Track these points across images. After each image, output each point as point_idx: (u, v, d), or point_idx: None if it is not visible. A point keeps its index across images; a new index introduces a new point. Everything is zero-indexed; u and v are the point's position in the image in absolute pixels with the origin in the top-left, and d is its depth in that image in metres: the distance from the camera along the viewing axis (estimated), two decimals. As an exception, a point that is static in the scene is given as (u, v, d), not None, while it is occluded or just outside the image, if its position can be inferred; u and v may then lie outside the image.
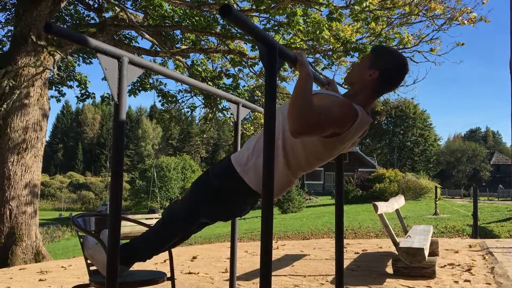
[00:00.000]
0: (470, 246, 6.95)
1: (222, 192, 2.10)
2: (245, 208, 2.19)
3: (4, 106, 7.64)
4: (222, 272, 5.26)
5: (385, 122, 65.77)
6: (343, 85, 11.26)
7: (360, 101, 2.03)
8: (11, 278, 5.44)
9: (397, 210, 5.93)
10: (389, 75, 2.06)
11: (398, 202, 5.89)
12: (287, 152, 2.01)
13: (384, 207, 4.84)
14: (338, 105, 1.90)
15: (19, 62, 8.06)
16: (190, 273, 5.26)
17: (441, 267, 5.26)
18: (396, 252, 4.87)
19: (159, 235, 2.32)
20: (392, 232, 4.82)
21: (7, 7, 10.53)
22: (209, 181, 2.14)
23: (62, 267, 6.18)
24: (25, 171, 8.11)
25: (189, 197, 2.21)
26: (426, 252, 4.46)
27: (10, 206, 7.88)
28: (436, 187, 17.85)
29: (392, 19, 9.87)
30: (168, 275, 2.79)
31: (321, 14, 9.41)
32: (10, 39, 9.87)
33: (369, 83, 2.04)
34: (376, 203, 4.60)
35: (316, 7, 9.18)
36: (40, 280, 5.18)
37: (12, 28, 9.52)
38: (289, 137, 1.98)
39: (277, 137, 1.99)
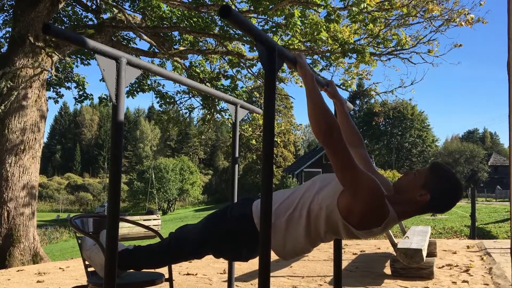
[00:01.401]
0: (468, 247, 6.96)
1: (234, 236, 2.09)
2: (251, 256, 2.17)
3: (2, 107, 7.62)
4: (220, 273, 5.26)
5: (383, 123, 65.84)
6: (341, 86, 11.28)
7: (398, 211, 1.95)
8: (9, 279, 5.43)
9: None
10: (439, 203, 1.96)
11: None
12: (310, 222, 1.99)
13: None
14: (374, 181, 1.85)
15: (17, 63, 8.04)
16: (188, 274, 5.26)
17: (439, 268, 5.27)
18: (394, 253, 4.87)
19: (162, 255, 2.32)
20: (390, 233, 4.82)
21: (5, 8, 10.52)
22: (226, 222, 2.13)
23: (60, 268, 6.16)
24: (23, 172, 8.09)
25: (201, 230, 2.19)
26: (424, 253, 4.46)
27: (7, 208, 7.86)
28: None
29: (390, 21, 9.88)
30: (166, 276, 2.79)
31: (319, 16, 9.42)
32: (8, 40, 9.85)
33: (416, 201, 1.94)
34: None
35: (314, 8, 9.19)
36: (38, 281, 5.17)
37: (10, 29, 9.52)
38: (314, 210, 1.97)
39: (304, 204, 2.00)
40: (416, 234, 5.43)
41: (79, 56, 11.43)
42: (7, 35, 10.56)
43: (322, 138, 1.81)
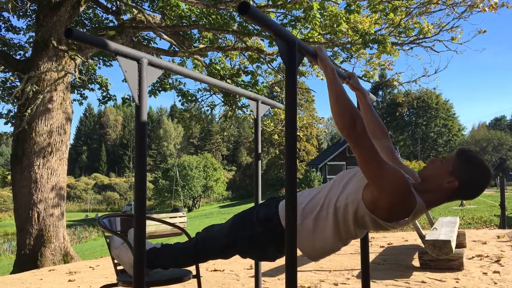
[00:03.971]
0: (498, 237, 6.82)
1: (261, 239, 2.09)
2: (278, 256, 2.17)
3: (29, 111, 7.79)
4: (247, 269, 5.28)
5: (407, 113, 64.92)
6: (363, 77, 11.16)
7: (426, 199, 1.93)
8: (41, 279, 5.56)
9: (422, 203, 5.85)
10: (469, 189, 1.94)
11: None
12: (338, 220, 1.98)
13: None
14: (400, 173, 1.83)
15: (42, 67, 8.21)
16: (215, 270, 5.30)
17: (469, 258, 5.18)
18: (422, 245, 4.81)
19: (189, 256, 2.34)
20: (418, 225, 4.76)
21: (28, 13, 10.72)
22: (252, 223, 2.13)
23: (90, 267, 6.28)
24: (51, 174, 8.26)
25: (228, 232, 2.20)
26: (453, 244, 4.39)
27: (38, 209, 8.05)
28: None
29: (411, 9, 9.72)
30: (194, 273, 2.81)
31: (338, 7, 9.32)
32: (32, 45, 10.05)
33: (445, 189, 1.93)
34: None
35: (333, 0, 9.11)
36: (70, 280, 5.28)
37: (33, 34, 9.70)
38: (341, 207, 1.97)
39: (330, 202, 2.00)
40: (444, 225, 5.35)
41: (101, 58, 11.59)
42: (31, 39, 10.77)
43: (346, 132, 1.79)
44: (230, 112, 11.99)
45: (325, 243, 2.01)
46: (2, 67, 9.16)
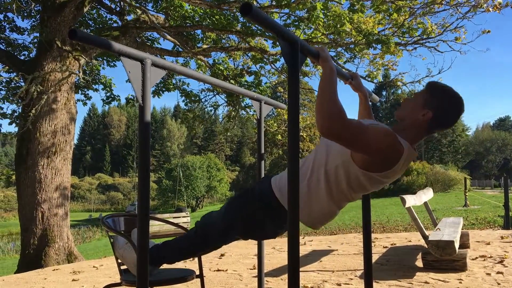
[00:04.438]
0: (502, 238, 6.80)
1: (260, 215, 2.09)
2: (280, 232, 2.18)
3: (33, 111, 7.82)
4: (250, 269, 5.29)
5: (411, 113, 64.81)
6: (367, 78, 11.15)
7: (408, 138, 1.96)
8: (45, 278, 5.59)
9: (425, 203, 5.85)
10: (443, 117, 1.98)
11: (426, 195, 5.80)
12: (330, 183, 1.98)
13: (412, 200, 4.78)
14: (382, 133, 1.83)
15: (46, 68, 8.24)
16: (218, 270, 5.31)
17: (473, 259, 5.17)
18: (425, 246, 4.81)
19: (191, 244, 2.34)
20: (421, 225, 4.76)
21: (32, 14, 10.77)
22: (249, 201, 2.14)
23: (94, 267, 6.30)
24: (55, 174, 8.30)
25: (225, 213, 2.21)
26: (457, 245, 4.39)
27: (42, 209, 8.08)
28: (465, 178, 17.52)
29: (415, 9, 9.70)
30: (197, 272, 2.82)
31: (341, 7, 9.32)
32: (36, 45, 10.09)
33: (421, 122, 1.97)
34: (403, 196, 4.54)
35: (337, 0, 9.11)
36: (73, 280, 5.30)
37: (37, 34, 9.74)
38: (330, 169, 1.96)
39: (319, 168, 1.99)
40: (448, 226, 5.34)
41: (105, 58, 11.63)
42: (35, 40, 10.81)
43: (324, 136, 1.74)
44: (233, 113, 12.01)
45: (321, 206, 2.00)
46: (7, 67, 9.20)
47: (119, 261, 2.62)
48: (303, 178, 2.01)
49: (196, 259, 2.86)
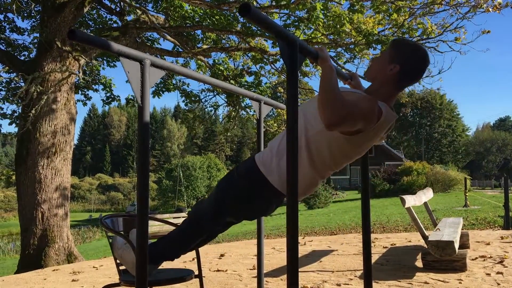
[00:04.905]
0: (502, 238, 6.80)
1: (247, 191, 2.12)
2: (270, 208, 2.20)
3: (33, 111, 7.82)
4: (250, 269, 5.29)
5: (411, 114, 64.78)
6: (365, 78, 11.15)
7: (382, 97, 2.01)
8: (45, 279, 5.59)
9: (425, 203, 5.85)
10: (410, 68, 2.03)
11: (426, 195, 5.80)
12: (311, 151, 2.00)
13: (411, 201, 4.78)
14: (365, 100, 1.89)
15: (46, 68, 8.24)
16: (218, 270, 5.31)
17: (472, 259, 5.17)
18: (425, 246, 4.81)
19: (186, 234, 2.35)
20: (421, 225, 4.76)
21: (32, 14, 10.77)
22: (235, 180, 2.16)
23: (94, 267, 6.30)
24: (55, 174, 8.30)
25: (214, 196, 2.23)
26: (456, 245, 4.38)
27: (42, 209, 8.08)
28: (465, 178, 17.49)
29: (415, 9, 9.70)
30: (196, 272, 2.82)
31: (341, 7, 9.33)
32: (36, 45, 10.10)
33: (390, 77, 2.02)
34: (403, 196, 4.54)
35: (336, 0, 9.11)
36: (73, 280, 5.30)
37: (37, 34, 9.74)
38: (312, 136, 1.98)
39: (300, 137, 1.99)
40: (448, 226, 5.34)
41: (105, 58, 11.63)
42: (35, 40, 10.82)
43: (328, 129, 1.78)
44: (233, 113, 12.01)
45: (304, 176, 2.01)
46: (7, 67, 9.21)
47: (118, 261, 2.62)
48: (283, 150, 2.02)
49: (195, 259, 2.84)
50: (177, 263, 5.42)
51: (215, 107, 12.69)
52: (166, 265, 2.76)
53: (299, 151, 1.97)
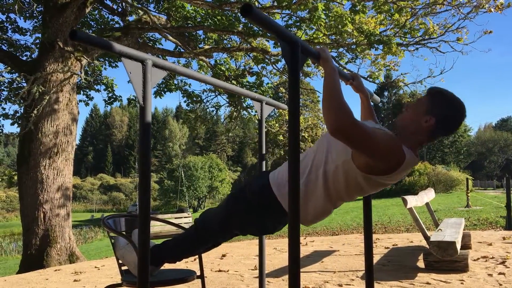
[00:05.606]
0: (504, 238, 6.79)
1: (257, 209, 2.10)
2: (278, 227, 2.18)
3: (35, 111, 7.83)
4: (252, 270, 5.29)
5: (413, 114, 64.69)
6: (368, 78, 11.14)
7: (410, 143, 1.96)
8: (47, 279, 5.59)
9: (427, 204, 5.84)
10: (446, 122, 1.97)
11: (428, 195, 5.80)
12: (328, 183, 1.97)
13: (413, 201, 4.77)
14: (390, 139, 1.85)
15: (48, 69, 8.25)
16: (220, 271, 5.31)
17: (474, 260, 5.16)
18: (427, 246, 4.80)
19: (191, 241, 2.35)
20: (423, 226, 4.75)
21: (34, 14, 10.79)
22: (246, 196, 2.14)
23: (96, 267, 6.31)
24: (57, 174, 8.31)
25: (224, 209, 2.22)
26: (458, 246, 4.38)
27: (44, 209, 8.09)
28: (467, 178, 17.47)
29: (416, 10, 9.69)
30: (198, 273, 2.82)
31: (343, 8, 9.32)
32: (38, 46, 10.11)
33: (424, 129, 1.96)
34: (405, 197, 4.54)
35: (338, 0, 9.10)
36: (75, 280, 5.31)
37: (39, 35, 9.75)
38: (331, 169, 1.96)
39: (318, 167, 1.99)
40: (449, 226, 5.33)
41: (106, 59, 11.65)
42: (37, 41, 10.83)
43: (331, 132, 1.75)
44: (235, 113, 12.00)
45: (317, 205, 2.00)
46: (9, 68, 9.22)
47: (120, 261, 2.62)
48: (301, 175, 2.00)
49: (197, 259, 2.85)
50: (178, 264, 5.42)
51: (216, 107, 12.70)
52: (167, 265, 2.76)
53: (316, 179, 1.98)
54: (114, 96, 12.23)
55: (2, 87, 10.76)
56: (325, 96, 1.79)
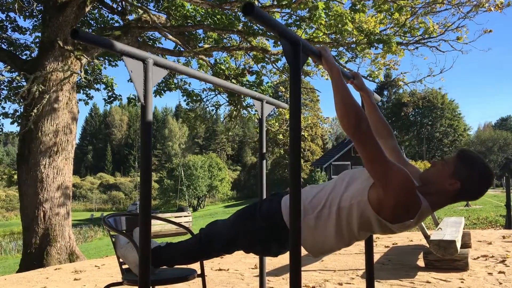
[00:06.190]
0: (503, 237, 6.80)
1: (264, 233, 2.09)
2: (282, 251, 2.17)
3: (35, 110, 7.83)
4: (252, 268, 5.29)
5: (413, 113, 64.67)
6: (368, 77, 11.14)
7: (431, 201, 1.93)
8: (47, 278, 5.59)
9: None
10: (471, 189, 1.92)
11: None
12: (341, 220, 1.96)
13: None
14: (405, 177, 1.81)
15: (48, 67, 8.25)
16: (220, 269, 5.31)
17: (474, 259, 5.17)
18: (427, 245, 4.81)
19: (194, 250, 2.34)
20: (423, 225, 4.76)
21: (34, 13, 10.78)
22: (255, 218, 2.13)
23: (96, 266, 6.31)
24: (57, 173, 8.30)
25: (231, 227, 2.21)
26: (458, 244, 4.38)
27: (43, 208, 8.09)
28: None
29: (416, 8, 9.69)
30: (199, 272, 2.83)
31: (343, 7, 9.32)
32: (38, 45, 10.11)
33: (448, 191, 1.92)
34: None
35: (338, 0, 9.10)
36: (75, 279, 5.31)
37: (39, 34, 9.75)
38: (345, 207, 1.95)
39: (332, 202, 1.98)
40: (449, 225, 5.34)
41: (106, 58, 11.64)
42: (37, 40, 10.83)
43: (351, 132, 1.80)
44: (235, 112, 12.00)
45: (326, 241, 2.00)
46: (9, 67, 9.22)
47: (121, 260, 2.62)
48: (313, 208, 2.01)
49: (198, 258, 2.92)
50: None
51: (216, 106, 12.69)
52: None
53: (329, 216, 1.97)
54: (114, 95, 12.23)
55: (2, 86, 10.77)
56: (337, 98, 1.84)
